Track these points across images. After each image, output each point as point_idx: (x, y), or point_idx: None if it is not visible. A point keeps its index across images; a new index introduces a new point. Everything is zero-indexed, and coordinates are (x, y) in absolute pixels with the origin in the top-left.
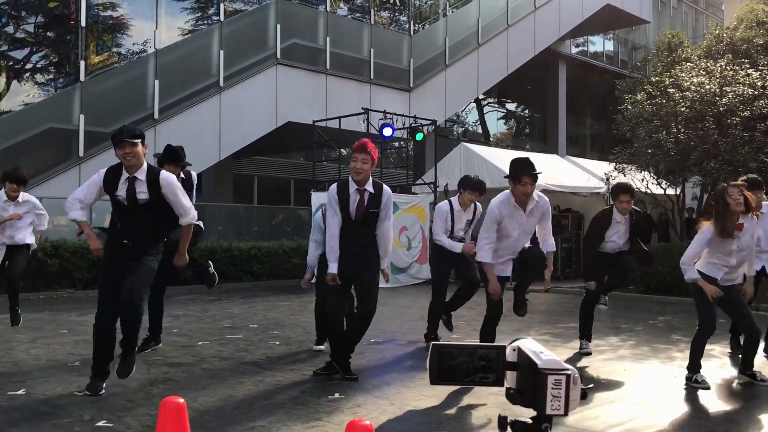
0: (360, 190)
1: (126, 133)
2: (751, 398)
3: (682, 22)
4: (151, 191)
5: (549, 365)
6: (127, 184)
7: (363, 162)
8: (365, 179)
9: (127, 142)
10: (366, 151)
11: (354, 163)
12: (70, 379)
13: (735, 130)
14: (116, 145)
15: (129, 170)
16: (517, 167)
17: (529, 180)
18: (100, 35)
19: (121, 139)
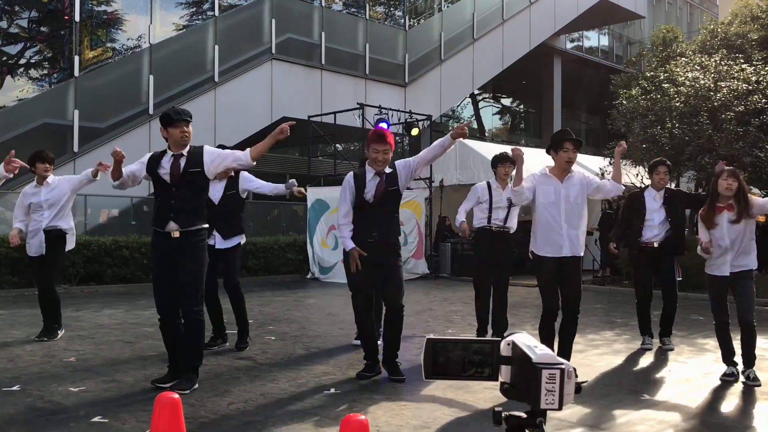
0: (379, 173)
1: (184, 113)
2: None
3: (677, 17)
4: (191, 163)
5: (543, 359)
6: (171, 161)
7: (384, 153)
8: (386, 167)
9: (185, 121)
10: (386, 141)
11: (375, 155)
12: (65, 375)
13: (729, 125)
14: (172, 123)
15: (179, 148)
16: (559, 135)
17: (571, 146)
18: (94, 30)
19: (180, 118)
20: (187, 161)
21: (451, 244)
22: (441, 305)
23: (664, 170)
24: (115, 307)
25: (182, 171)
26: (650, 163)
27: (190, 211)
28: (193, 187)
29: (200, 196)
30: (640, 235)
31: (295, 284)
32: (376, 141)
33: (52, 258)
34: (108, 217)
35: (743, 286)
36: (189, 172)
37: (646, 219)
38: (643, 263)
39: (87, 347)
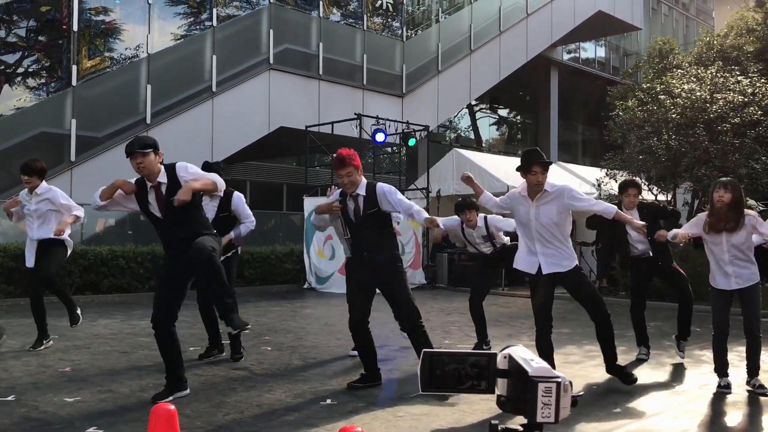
0: (353, 196)
1: (137, 144)
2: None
3: (673, 29)
4: (172, 189)
5: (540, 373)
6: (155, 194)
7: (348, 175)
8: (356, 188)
9: (138, 153)
10: (345, 164)
11: (340, 179)
12: (61, 385)
13: (725, 136)
14: (128, 155)
15: (149, 179)
16: (526, 157)
17: (539, 169)
18: (92, 40)
19: (132, 150)
20: (168, 189)
21: (448, 254)
22: (438, 316)
23: (634, 192)
24: (111, 317)
25: (166, 203)
26: (620, 183)
27: (190, 233)
28: (184, 212)
29: (195, 216)
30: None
31: (291, 294)
32: (337, 167)
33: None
34: (104, 226)
35: (750, 296)
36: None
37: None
38: (641, 272)
39: (82, 357)
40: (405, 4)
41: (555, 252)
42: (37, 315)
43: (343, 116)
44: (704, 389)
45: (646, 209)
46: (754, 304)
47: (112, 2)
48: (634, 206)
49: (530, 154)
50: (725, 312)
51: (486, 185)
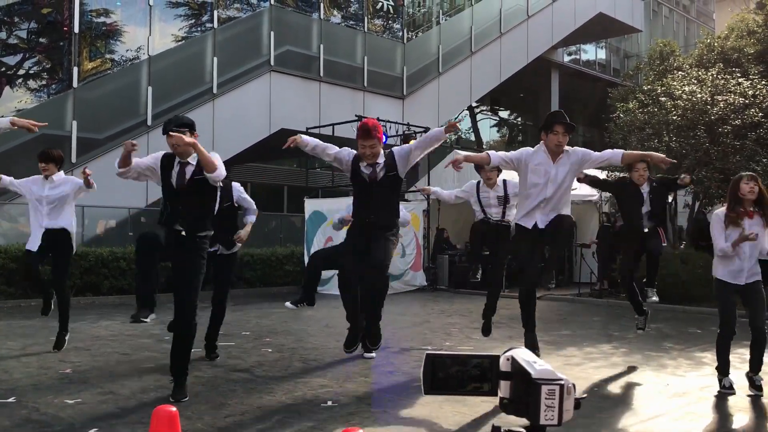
0: (371, 164)
1: (174, 122)
2: (747, 406)
3: (674, 31)
4: (198, 171)
5: (543, 375)
6: (178, 168)
7: (371, 147)
8: (377, 159)
9: (175, 131)
10: (371, 136)
11: (363, 150)
12: (61, 387)
13: (726, 138)
14: (165, 134)
15: (180, 156)
16: (550, 117)
17: (561, 129)
18: (93, 41)
19: (168, 129)
20: (196, 168)
21: (448, 256)
22: (439, 317)
23: (643, 167)
24: (112, 319)
25: (188, 179)
26: None
27: (197, 216)
28: (200, 195)
29: (208, 203)
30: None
31: (292, 296)
32: (362, 137)
33: (62, 257)
34: (105, 228)
35: (755, 291)
36: (195, 180)
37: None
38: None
39: (83, 359)
40: (405, 6)
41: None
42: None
43: (343, 118)
44: (705, 391)
45: (656, 182)
46: (761, 299)
47: (113, 4)
48: (645, 180)
49: (554, 114)
50: (733, 308)
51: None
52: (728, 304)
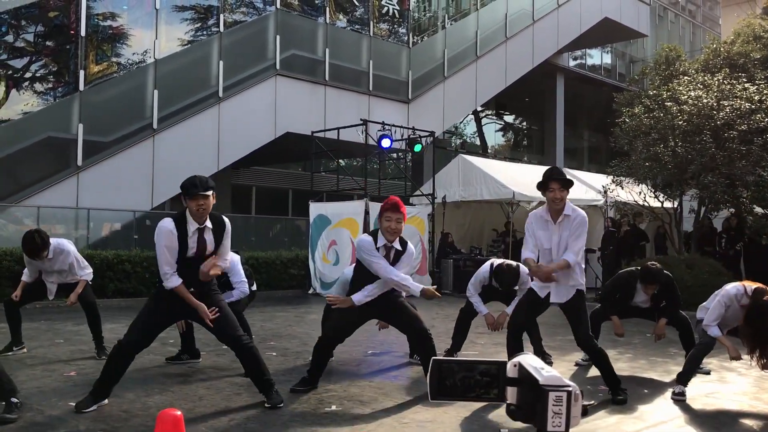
0: (388, 247)
1: (201, 186)
2: (752, 413)
3: (680, 36)
4: (216, 239)
5: (550, 381)
6: (197, 235)
7: (397, 222)
8: (397, 238)
9: (201, 195)
10: (400, 211)
11: (389, 224)
12: (66, 389)
13: (732, 143)
14: (190, 196)
15: (198, 221)
16: (545, 174)
17: (557, 186)
18: (99, 45)
19: (195, 193)
20: (215, 236)
21: (453, 260)
22: (443, 322)
23: (653, 287)
24: (117, 322)
25: (211, 249)
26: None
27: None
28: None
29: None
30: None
31: (296, 300)
32: (390, 209)
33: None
34: (110, 231)
35: None
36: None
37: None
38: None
39: (88, 361)
40: (411, 11)
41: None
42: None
43: (349, 122)
44: (711, 397)
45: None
46: None
47: (120, 8)
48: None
49: (549, 171)
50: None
51: (492, 191)
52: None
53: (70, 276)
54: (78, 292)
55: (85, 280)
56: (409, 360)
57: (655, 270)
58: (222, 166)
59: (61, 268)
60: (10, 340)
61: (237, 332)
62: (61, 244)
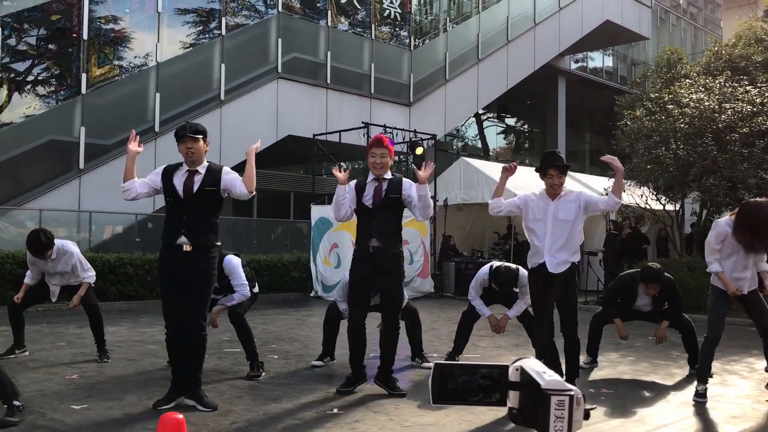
0: (378, 179)
1: (189, 129)
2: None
3: (681, 39)
4: (206, 181)
5: (552, 386)
6: (186, 176)
7: (381, 156)
8: (385, 172)
9: (189, 137)
10: (383, 145)
11: (373, 159)
12: (68, 393)
13: (734, 146)
14: (179, 139)
15: (190, 165)
16: (544, 159)
17: (555, 172)
18: (101, 48)
19: (183, 134)
20: (204, 178)
21: (455, 263)
22: (445, 325)
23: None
24: (119, 325)
25: (198, 188)
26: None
27: (202, 227)
28: (206, 205)
29: (213, 214)
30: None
31: (298, 302)
32: (373, 145)
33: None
34: (112, 233)
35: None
36: (204, 190)
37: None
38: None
39: (90, 365)
40: (413, 14)
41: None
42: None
43: (350, 125)
44: (713, 400)
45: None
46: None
47: (122, 11)
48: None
49: (548, 156)
50: (723, 316)
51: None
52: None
53: (73, 278)
54: (80, 294)
55: (88, 282)
56: (411, 363)
57: (657, 269)
58: None
59: (63, 269)
60: (12, 343)
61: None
62: (65, 245)
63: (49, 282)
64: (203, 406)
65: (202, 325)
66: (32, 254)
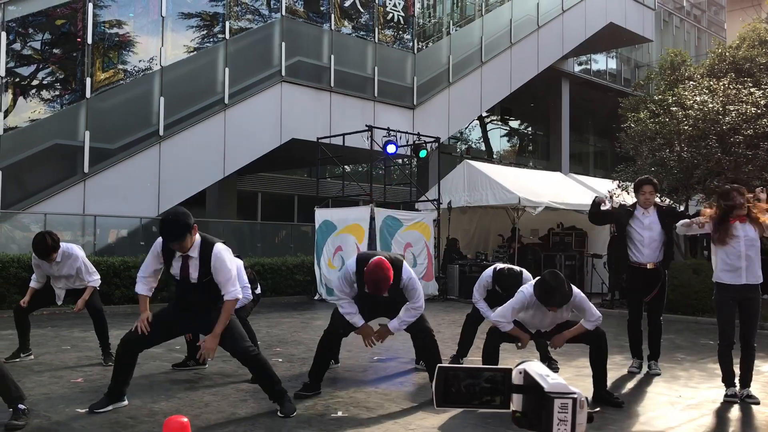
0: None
1: (171, 236)
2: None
3: (685, 41)
4: (202, 268)
5: (556, 389)
6: (180, 262)
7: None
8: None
9: (175, 242)
10: (382, 292)
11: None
12: (73, 396)
13: (738, 148)
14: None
15: (180, 251)
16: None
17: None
18: (106, 52)
19: (170, 241)
20: (200, 265)
21: (459, 266)
22: (449, 328)
23: (649, 190)
24: (123, 328)
25: (196, 277)
26: (635, 182)
27: (204, 299)
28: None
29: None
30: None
31: (302, 306)
32: (372, 290)
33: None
34: (117, 237)
35: (751, 302)
36: (201, 281)
37: (635, 238)
38: (638, 284)
39: (95, 368)
40: (416, 17)
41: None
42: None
43: (354, 128)
44: (716, 403)
45: (665, 207)
46: (755, 313)
47: (126, 15)
48: (651, 204)
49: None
50: (731, 317)
51: (498, 197)
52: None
53: (78, 281)
54: (85, 298)
55: (93, 286)
56: (415, 366)
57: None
58: (228, 173)
59: (68, 272)
60: (18, 346)
61: (244, 344)
62: (71, 248)
63: (55, 285)
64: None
65: (247, 348)
66: (38, 257)
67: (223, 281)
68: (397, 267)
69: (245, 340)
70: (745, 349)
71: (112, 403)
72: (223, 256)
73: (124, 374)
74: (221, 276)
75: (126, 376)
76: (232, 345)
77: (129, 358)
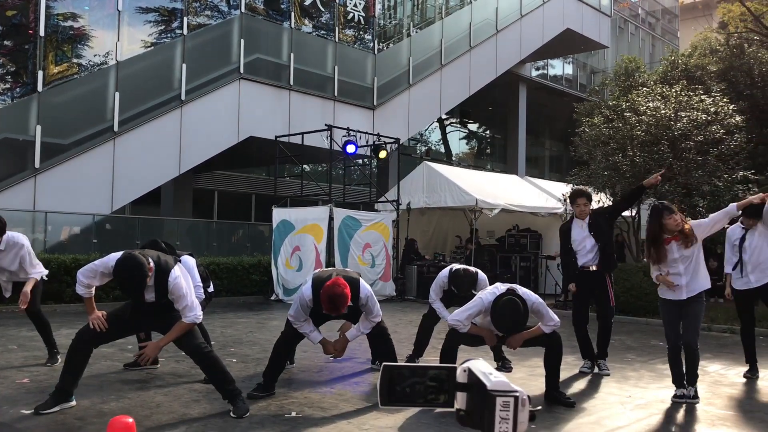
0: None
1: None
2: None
3: (640, 48)
4: (158, 293)
5: (498, 387)
6: None
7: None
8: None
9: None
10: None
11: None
12: (18, 397)
13: (689, 154)
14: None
15: None
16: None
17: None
18: (59, 45)
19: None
20: (157, 293)
21: (417, 266)
22: (406, 328)
23: (583, 201)
24: (74, 327)
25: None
26: (570, 193)
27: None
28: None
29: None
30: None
31: (258, 306)
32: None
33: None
34: (69, 234)
35: (693, 309)
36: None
37: (577, 248)
38: (583, 286)
39: (41, 368)
40: (377, 18)
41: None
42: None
43: (313, 127)
44: (666, 403)
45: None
46: (697, 317)
47: (81, 8)
48: (587, 215)
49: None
50: (676, 324)
51: (456, 198)
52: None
53: (23, 273)
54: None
55: (34, 278)
56: (372, 366)
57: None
58: (183, 170)
59: (11, 263)
60: None
61: (197, 341)
62: (17, 237)
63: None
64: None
65: (199, 345)
66: None
67: (181, 308)
68: (354, 285)
69: (198, 337)
70: (688, 352)
71: (59, 403)
72: (179, 284)
73: (74, 373)
74: (179, 304)
75: (76, 375)
76: (186, 341)
77: (82, 355)
